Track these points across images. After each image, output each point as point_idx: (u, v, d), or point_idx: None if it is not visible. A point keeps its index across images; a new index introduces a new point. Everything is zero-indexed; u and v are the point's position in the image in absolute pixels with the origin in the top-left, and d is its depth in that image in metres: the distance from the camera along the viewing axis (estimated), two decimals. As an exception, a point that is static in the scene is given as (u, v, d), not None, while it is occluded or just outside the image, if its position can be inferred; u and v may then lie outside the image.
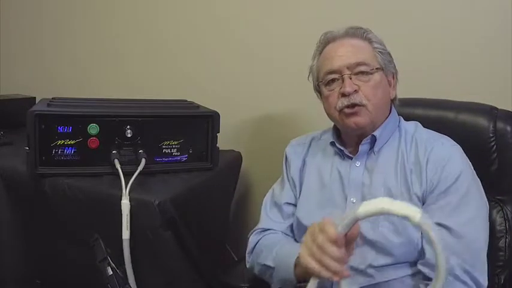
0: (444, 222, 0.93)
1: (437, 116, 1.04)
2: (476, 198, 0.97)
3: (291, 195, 1.16)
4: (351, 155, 1.06)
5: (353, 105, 1.01)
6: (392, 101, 1.08)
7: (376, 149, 1.04)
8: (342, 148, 1.07)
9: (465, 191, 0.95)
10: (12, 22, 2.16)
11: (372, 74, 1.01)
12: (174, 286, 1.23)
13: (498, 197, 1.11)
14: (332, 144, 1.10)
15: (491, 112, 1.17)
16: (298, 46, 1.60)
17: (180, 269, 1.23)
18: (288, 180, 1.17)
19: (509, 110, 1.20)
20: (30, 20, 2.12)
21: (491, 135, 1.15)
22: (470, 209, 0.94)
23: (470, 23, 1.37)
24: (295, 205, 1.14)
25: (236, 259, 1.57)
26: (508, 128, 1.15)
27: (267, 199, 1.20)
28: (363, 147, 1.04)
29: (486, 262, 0.94)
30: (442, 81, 1.39)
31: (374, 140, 1.03)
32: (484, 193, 0.99)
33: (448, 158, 0.97)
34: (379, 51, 1.04)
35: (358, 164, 1.05)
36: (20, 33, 2.15)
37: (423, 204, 0.97)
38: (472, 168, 1.00)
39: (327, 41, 1.08)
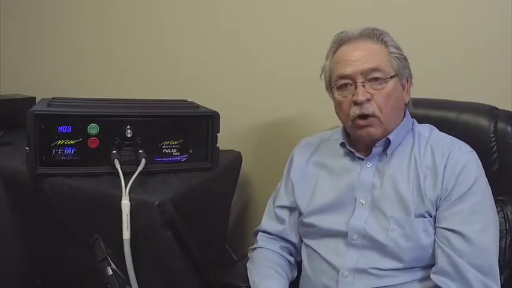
0: (459, 229, 0.92)
1: (438, 116, 1.04)
2: (490, 206, 0.97)
3: (284, 199, 1.16)
4: (362, 157, 1.05)
5: (366, 116, 0.99)
6: (406, 105, 1.06)
7: (389, 151, 1.03)
8: (352, 150, 1.06)
9: (479, 198, 0.95)
10: (12, 22, 2.16)
11: (386, 82, 0.99)
12: (174, 286, 1.23)
13: (499, 198, 1.11)
14: (342, 145, 1.08)
15: (491, 112, 1.17)
16: (298, 46, 1.61)
17: (180, 269, 1.23)
18: (286, 182, 1.17)
19: (510, 110, 1.20)
20: (30, 20, 2.12)
21: (491, 135, 1.15)
22: (484, 216, 0.94)
23: (471, 23, 1.37)
24: (289, 207, 1.15)
25: (236, 259, 1.56)
26: (509, 129, 1.15)
27: (270, 199, 1.21)
28: (376, 149, 1.03)
29: (498, 269, 0.94)
30: (442, 82, 1.39)
31: (388, 143, 1.02)
32: (493, 199, 0.99)
33: (464, 164, 0.96)
34: (395, 56, 1.01)
35: (369, 165, 1.04)
36: (20, 33, 2.15)
37: (437, 210, 0.96)
38: (485, 175, 0.99)
39: (340, 41, 1.05)
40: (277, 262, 1.11)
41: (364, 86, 0.98)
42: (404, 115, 1.06)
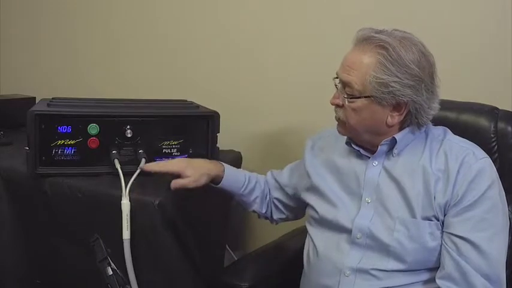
0: (468, 236, 0.91)
1: (439, 116, 1.04)
2: (501, 213, 0.95)
3: (284, 177, 1.24)
4: (368, 155, 1.04)
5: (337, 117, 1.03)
6: (391, 126, 0.99)
7: (395, 151, 1.01)
8: (357, 149, 1.05)
9: (491, 206, 0.93)
10: (12, 22, 2.16)
11: (354, 99, 0.97)
12: (174, 286, 1.23)
13: (499, 198, 1.11)
14: (348, 143, 1.08)
15: (492, 112, 1.17)
16: (298, 47, 1.61)
17: (180, 269, 1.23)
18: (298, 168, 1.20)
19: (510, 110, 1.20)
20: (30, 20, 2.12)
21: (492, 135, 1.15)
22: (494, 224, 0.93)
23: (471, 23, 1.37)
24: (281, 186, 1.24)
25: (236, 259, 1.56)
26: (509, 129, 1.15)
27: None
28: (382, 147, 1.01)
29: (505, 278, 0.93)
30: (442, 82, 1.38)
31: (394, 142, 1.00)
32: (507, 206, 0.98)
33: (478, 171, 0.94)
34: (379, 81, 0.93)
35: (375, 163, 1.03)
36: (20, 33, 2.15)
37: (445, 215, 0.95)
38: (499, 180, 0.98)
39: (354, 40, 1.01)
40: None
41: (340, 92, 1.01)
42: (404, 128, 1.01)
